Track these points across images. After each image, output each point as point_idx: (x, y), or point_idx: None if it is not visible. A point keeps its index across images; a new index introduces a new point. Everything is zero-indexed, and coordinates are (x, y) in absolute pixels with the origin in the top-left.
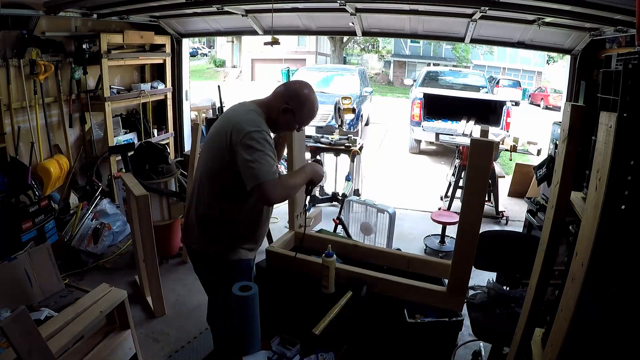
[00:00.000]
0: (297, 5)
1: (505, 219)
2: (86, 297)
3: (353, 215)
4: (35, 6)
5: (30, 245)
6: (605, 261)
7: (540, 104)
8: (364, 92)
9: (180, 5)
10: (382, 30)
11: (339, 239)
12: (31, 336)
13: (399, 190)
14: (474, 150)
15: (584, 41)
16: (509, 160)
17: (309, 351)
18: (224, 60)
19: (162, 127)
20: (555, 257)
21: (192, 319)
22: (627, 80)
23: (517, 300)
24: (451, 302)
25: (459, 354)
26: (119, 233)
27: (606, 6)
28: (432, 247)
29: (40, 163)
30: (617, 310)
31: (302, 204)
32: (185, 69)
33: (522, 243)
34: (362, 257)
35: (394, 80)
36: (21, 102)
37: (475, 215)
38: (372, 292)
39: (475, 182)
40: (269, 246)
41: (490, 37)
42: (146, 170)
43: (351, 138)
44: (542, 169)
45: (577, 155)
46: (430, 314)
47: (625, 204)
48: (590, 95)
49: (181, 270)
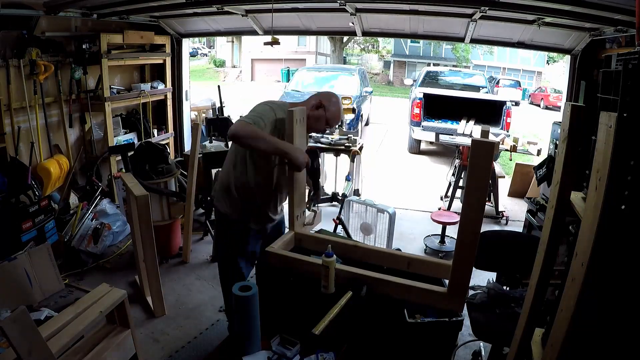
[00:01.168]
0: (297, 5)
1: (505, 219)
2: (86, 297)
3: (353, 215)
4: (35, 6)
5: (30, 245)
6: (605, 261)
7: (540, 103)
8: (364, 92)
9: (180, 5)
10: (382, 30)
11: (339, 239)
12: (31, 336)
13: (399, 190)
14: (475, 150)
15: (584, 41)
16: (509, 160)
17: (309, 351)
18: (224, 60)
19: (162, 127)
20: (555, 257)
21: (192, 319)
22: (627, 80)
23: (517, 300)
24: (452, 302)
25: (459, 354)
26: (119, 233)
27: (606, 6)
28: (432, 247)
29: (40, 163)
30: (617, 310)
31: (302, 205)
32: (185, 69)
33: (522, 243)
34: (362, 258)
35: (394, 80)
36: (21, 102)
37: (476, 216)
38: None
39: (476, 182)
40: (269, 247)
41: (490, 37)
42: (146, 170)
43: (351, 138)
44: (542, 169)
45: (577, 155)
46: (430, 314)
47: (625, 204)
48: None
49: (181, 270)
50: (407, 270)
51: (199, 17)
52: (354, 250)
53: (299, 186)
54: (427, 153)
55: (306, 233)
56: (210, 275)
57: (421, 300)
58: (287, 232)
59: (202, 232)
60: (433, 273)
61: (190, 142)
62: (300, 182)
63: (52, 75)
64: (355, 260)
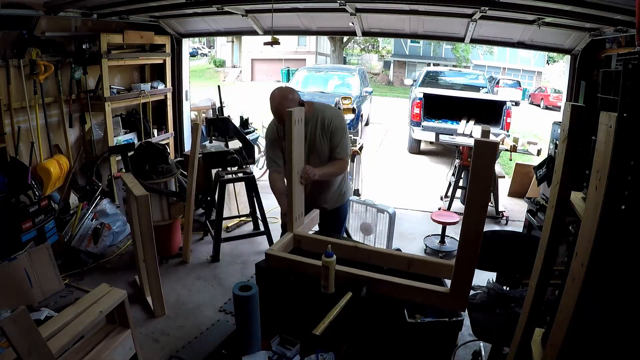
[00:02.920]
0: (297, 5)
1: (505, 219)
2: (86, 297)
3: (353, 215)
4: (35, 6)
5: (30, 245)
6: (605, 261)
7: (540, 103)
8: (364, 92)
9: (180, 5)
10: (382, 30)
11: (338, 239)
12: (31, 336)
13: (399, 190)
14: (478, 151)
15: (584, 41)
16: (509, 160)
17: (309, 351)
18: (224, 60)
19: (162, 127)
20: (555, 257)
21: (192, 319)
22: (627, 80)
23: (517, 300)
24: (454, 303)
25: (459, 354)
26: (119, 233)
27: (606, 6)
28: (432, 247)
29: (40, 163)
30: (617, 310)
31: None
32: (185, 69)
33: (522, 243)
34: (362, 258)
35: (394, 80)
36: (21, 102)
37: (479, 216)
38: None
39: (478, 183)
40: (268, 249)
41: (490, 37)
42: (146, 170)
43: (351, 138)
44: (542, 169)
45: (577, 155)
46: (430, 314)
47: (625, 204)
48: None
49: (181, 270)
50: (408, 270)
51: (199, 17)
52: (354, 251)
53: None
54: (427, 153)
55: (305, 234)
56: (210, 275)
57: (423, 301)
58: (287, 233)
59: (202, 232)
60: (434, 273)
61: (190, 142)
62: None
63: (52, 75)
64: (355, 261)
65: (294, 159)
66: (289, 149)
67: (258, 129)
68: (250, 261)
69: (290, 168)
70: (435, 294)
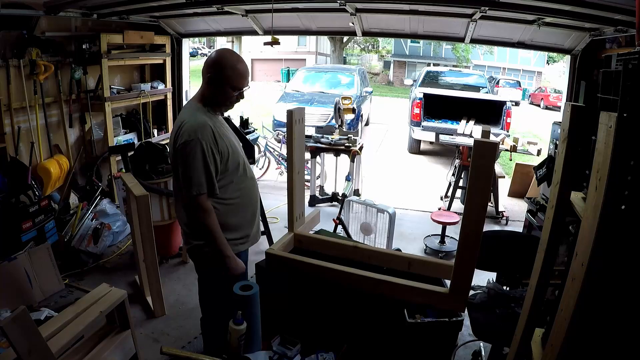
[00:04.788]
0: (297, 5)
1: (505, 219)
2: (86, 297)
3: (353, 215)
4: (35, 6)
5: (30, 245)
6: (605, 261)
7: (540, 103)
8: (364, 92)
9: (180, 6)
10: (382, 30)
11: (338, 239)
12: (31, 336)
13: (399, 190)
14: (478, 151)
15: (584, 41)
16: (509, 160)
17: (309, 351)
18: None
19: (162, 127)
20: (555, 257)
21: (192, 319)
22: (627, 81)
23: (517, 300)
24: (454, 303)
25: (459, 354)
26: (119, 233)
27: (606, 6)
28: (432, 247)
29: (40, 163)
30: (617, 310)
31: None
32: (185, 69)
33: (522, 243)
34: (362, 258)
35: (394, 80)
36: (21, 102)
37: (479, 216)
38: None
39: (478, 183)
40: (269, 248)
41: (490, 37)
42: (146, 170)
43: (351, 138)
44: (542, 169)
45: (577, 155)
46: (430, 314)
47: (625, 204)
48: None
49: (181, 270)
50: (408, 270)
51: (199, 17)
52: (354, 252)
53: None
54: (427, 153)
55: (306, 234)
56: None
57: (423, 301)
58: (287, 233)
59: None
60: (434, 273)
61: None
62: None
63: (52, 75)
64: (355, 261)
65: (294, 159)
66: (289, 149)
67: (258, 129)
68: (250, 261)
69: (290, 168)
70: (435, 294)
